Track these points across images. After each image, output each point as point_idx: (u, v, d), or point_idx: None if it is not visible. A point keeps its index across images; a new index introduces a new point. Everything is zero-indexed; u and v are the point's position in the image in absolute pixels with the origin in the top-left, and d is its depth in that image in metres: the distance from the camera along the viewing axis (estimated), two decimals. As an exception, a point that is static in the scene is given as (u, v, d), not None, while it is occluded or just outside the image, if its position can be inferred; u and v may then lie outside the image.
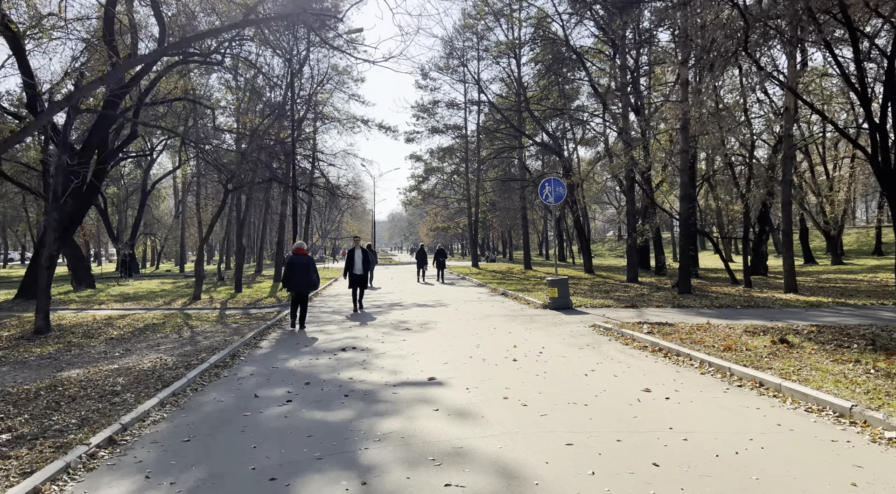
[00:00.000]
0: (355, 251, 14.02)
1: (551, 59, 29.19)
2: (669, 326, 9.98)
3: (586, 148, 47.47)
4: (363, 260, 14.06)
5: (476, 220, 36.89)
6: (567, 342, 9.14)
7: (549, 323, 11.28)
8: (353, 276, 13.98)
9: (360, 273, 13.98)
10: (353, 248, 14.11)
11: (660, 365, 7.34)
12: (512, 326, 11.00)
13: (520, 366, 7.29)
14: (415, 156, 41.30)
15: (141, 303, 16.53)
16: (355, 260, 13.94)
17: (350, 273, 13.95)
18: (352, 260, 13.94)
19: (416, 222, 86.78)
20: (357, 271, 13.94)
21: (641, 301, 14.57)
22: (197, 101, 21.62)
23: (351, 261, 13.93)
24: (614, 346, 8.74)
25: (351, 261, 13.93)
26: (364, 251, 14.14)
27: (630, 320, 11.19)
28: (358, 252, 14.03)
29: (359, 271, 13.95)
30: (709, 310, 12.79)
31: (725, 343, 8.20)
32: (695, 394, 5.92)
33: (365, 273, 14.14)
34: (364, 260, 14.07)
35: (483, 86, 31.88)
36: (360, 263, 13.97)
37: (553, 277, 14.04)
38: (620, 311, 12.86)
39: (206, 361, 7.64)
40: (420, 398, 5.89)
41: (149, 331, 10.81)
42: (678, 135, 18.71)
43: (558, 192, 14.96)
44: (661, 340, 8.52)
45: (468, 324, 11.34)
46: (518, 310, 13.74)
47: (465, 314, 13.08)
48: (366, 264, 14.18)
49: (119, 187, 39.19)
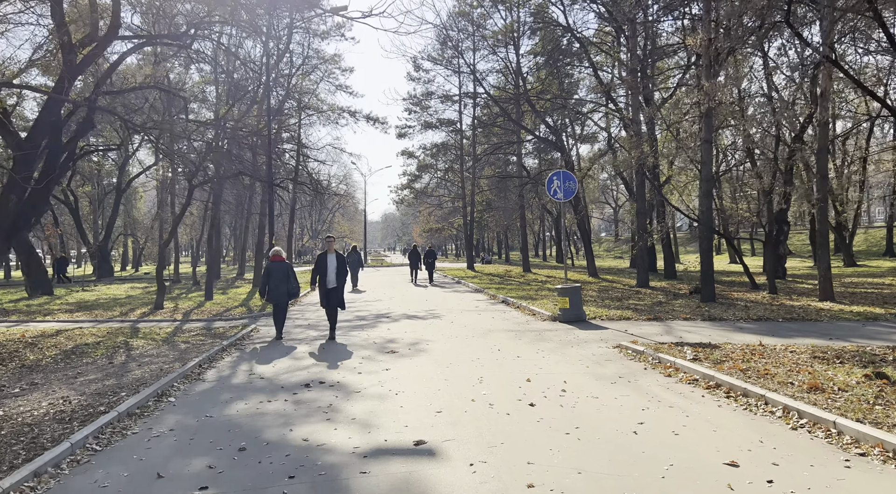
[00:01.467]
0: (327, 256, 10.48)
1: (552, 48, 27.34)
2: (715, 349, 8.10)
3: (586, 145, 45.79)
4: (337, 268, 10.45)
5: (472, 220, 34.98)
6: (592, 371, 7.24)
7: (563, 343, 9.38)
8: (324, 291, 10.38)
9: (333, 285, 10.41)
10: (324, 252, 10.55)
11: (727, 413, 5.44)
12: (520, 347, 9.08)
13: (540, 417, 5.36)
14: (407, 152, 39.31)
15: (93, 314, 14.51)
16: (327, 268, 10.41)
17: (321, 285, 10.47)
18: (323, 268, 10.42)
19: (409, 222, 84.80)
20: (330, 284, 10.38)
21: (663, 311, 12.70)
22: (168, 90, 19.58)
23: (322, 269, 10.43)
24: (654, 379, 6.84)
25: (322, 269, 10.43)
26: (339, 256, 10.56)
27: (660, 338, 9.31)
28: (331, 257, 10.48)
29: (332, 283, 10.39)
30: (746, 324, 10.94)
31: (802, 377, 6.33)
32: (806, 473, 4.02)
33: (340, 285, 10.44)
34: (339, 268, 10.45)
35: (479, 78, 29.97)
36: (332, 273, 10.43)
37: (563, 285, 12.14)
38: (644, 325, 10.99)
39: (115, 408, 5.67)
40: (401, 483, 3.96)
41: (76, 355, 8.82)
42: (695, 126, 16.91)
43: (568, 187, 13.07)
44: (717, 373, 6.62)
45: (466, 344, 9.42)
46: (523, 323, 11.83)
47: (463, 329, 11.16)
48: (341, 273, 10.45)
49: (93, 185, 36.98)
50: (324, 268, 10.48)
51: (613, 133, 32.61)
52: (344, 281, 10.55)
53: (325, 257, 10.54)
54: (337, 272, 10.49)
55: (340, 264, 10.55)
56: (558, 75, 30.59)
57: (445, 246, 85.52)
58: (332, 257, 10.54)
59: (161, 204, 34.71)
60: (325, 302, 10.46)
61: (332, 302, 10.37)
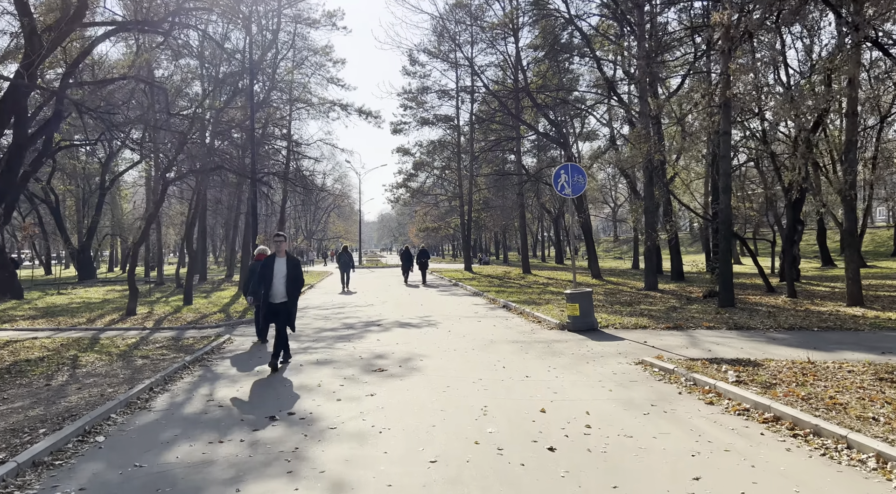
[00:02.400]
0: (275, 260, 7.95)
1: (552, 40, 26.20)
2: (758, 368, 6.91)
3: (585, 143, 44.62)
4: (288, 276, 7.85)
5: (469, 220, 33.77)
6: (618, 397, 6.04)
7: (577, 358, 8.18)
8: (269, 308, 7.93)
9: (281, 300, 7.85)
10: (271, 255, 8.08)
11: (802, 460, 4.25)
12: (527, 363, 7.88)
13: (565, 469, 4.16)
14: (402, 149, 38.07)
15: (56, 321, 13.25)
16: (274, 276, 7.83)
17: (263, 300, 7.94)
18: (268, 277, 7.82)
19: (405, 222, 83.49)
20: (277, 297, 7.84)
21: (682, 318, 11.52)
22: (145, 81, 18.35)
23: (266, 278, 7.82)
24: (694, 407, 5.65)
25: (266, 278, 7.82)
26: (292, 261, 8.02)
27: (686, 352, 8.12)
28: (280, 262, 7.90)
29: (280, 297, 7.85)
30: (779, 334, 9.77)
31: (881, 408, 5.14)
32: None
33: (292, 300, 7.93)
34: (291, 276, 7.87)
35: (478, 71, 28.76)
36: (281, 283, 7.83)
37: (572, 290, 10.94)
38: (665, 336, 9.80)
39: (17, 454, 4.43)
40: None
41: (10, 374, 7.57)
42: (711, 118, 15.74)
43: (577, 182, 11.87)
44: (772, 401, 5.43)
45: (466, 360, 8.21)
46: (528, 333, 10.63)
47: (461, 340, 9.95)
48: (294, 284, 7.92)
49: (76, 183, 35.59)
50: (269, 277, 7.81)
51: (616, 129, 31.55)
52: (298, 294, 8.12)
53: (273, 262, 7.91)
54: (288, 282, 7.87)
55: (293, 272, 7.90)
56: (559, 70, 29.46)
57: (442, 246, 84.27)
58: (282, 262, 7.92)
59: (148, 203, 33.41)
60: (266, 322, 8.21)
61: (279, 322, 7.88)
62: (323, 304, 16.80)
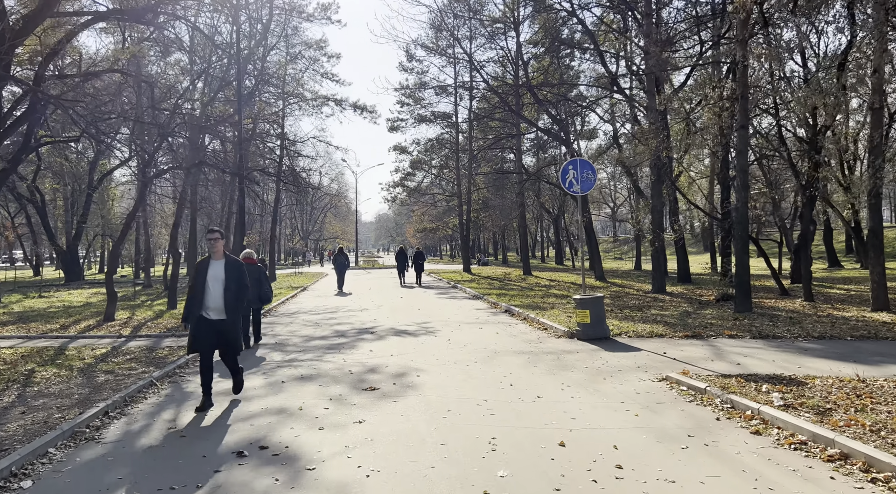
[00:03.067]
0: (210, 264, 6.10)
1: (553, 35, 25.36)
2: (803, 387, 6.06)
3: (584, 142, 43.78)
4: (227, 284, 6.00)
5: (468, 220, 32.92)
6: (647, 424, 5.17)
7: (592, 373, 7.31)
8: (205, 327, 5.97)
9: (221, 316, 6.00)
10: (205, 259, 6.21)
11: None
12: (537, 379, 7.01)
13: (600, 533, 3.28)
14: (399, 147, 37.16)
15: (27, 328, 12.35)
16: (207, 284, 5.99)
17: (197, 316, 5.98)
18: (201, 284, 5.99)
19: (403, 223, 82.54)
20: (213, 311, 5.98)
21: (699, 325, 10.68)
22: (127, 74, 17.42)
23: (199, 286, 5.99)
24: (740, 438, 4.79)
25: (199, 286, 5.99)
26: (233, 265, 6.12)
27: (713, 365, 7.27)
28: (217, 266, 6.08)
29: (216, 311, 5.98)
30: (809, 343, 8.93)
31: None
32: None
33: (233, 316, 6.04)
34: (231, 284, 6.02)
35: (477, 66, 27.88)
36: (219, 293, 5.98)
37: (582, 295, 10.08)
38: (684, 346, 8.95)
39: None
40: None
41: (-48, 394, 6.68)
42: (723, 112, 14.91)
43: (586, 178, 11.01)
44: (835, 433, 4.57)
45: (468, 375, 7.34)
46: (535, 342, 9.77)
47: (462, 350, 9.08)
48: (236, 293, 6.05)
49: (64, 183, 34.61)
50: (201, 287, 5.96)
51: (618, 127, 30.73)
52: (241, 306, 6.17)
53: (206, 266, 6.07)
54: (227, 291, 5.95)
55: (234, 277, 6.02)
56: (559, 66, 28.66)
57: (440, 246, 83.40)
58: (219, 266, 6.06)
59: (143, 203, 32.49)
60: (200, 345, 5.95)
61: (220, 345, 6.02)
62: (315, 308, 15.93)
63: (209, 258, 6.21)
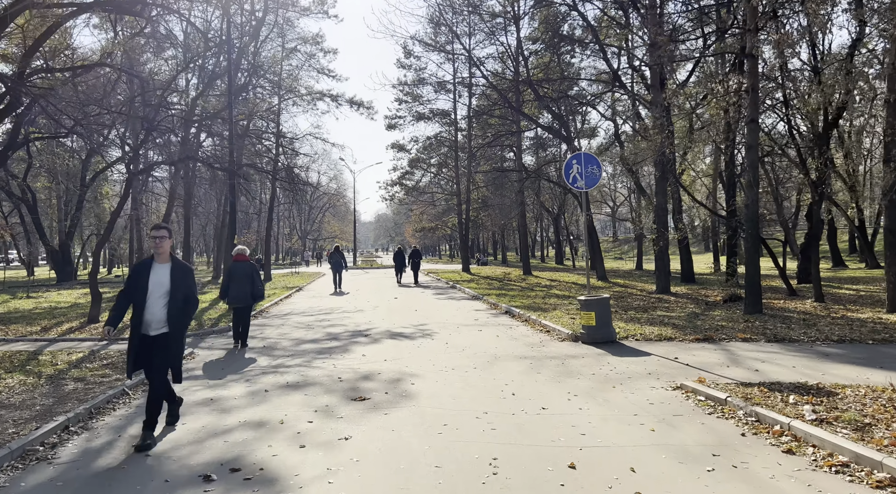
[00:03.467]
0: (153, 267, 5.03)
1: (553, 30, 24.85)
2: (833, 397, 5.53)
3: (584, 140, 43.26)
4: (172, 293, 4.98)
5: (467, 219, 32.38)
6: (665, 441, 4.65)
7: (600, 380, 6.79)
8: (142, 343, 5.00)
9: (159, 331, 4.98)
10: (145, 261, 5.14)
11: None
12: (541, 388, 6.48)
13: None
14: (397, 145, 36.61)
15: (7, 330, 11.84)
16: (149, 291, 4.93)
17: (132, 328, 4.98)
18: (141, 290, 4.92)
19: (402, 222, 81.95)
20: (153, 325, 4.96)
21: (709, 328, 10.16)
22: (113, 67, 16.89)
23: (137, 292, 4.94)
24: (772, 458, 4.26)
25: (137, 292, 4.94)
26: (180, 268, 5.09)
27: (729, 371, 6.74)
28: (161, 270, 5.02)
29: (157, 325, 4.97)
30: (829, 348, 8.40)
31: None
32: None
33: (177, 331, 5.03)
34: (176, 292, 4.99)
35: (476, 62, 27.35)
36: (160, 302, 4.95)
37: (587, 296, 9.55)
38: (696, 350, 8.43)
39: None
40: None
41: None
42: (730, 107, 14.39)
43: (590, 173, 10.47)
44: (883, 455, 4.04)
45: (467, 383, 6.81)
46: (538, 346, 9.24)
47: (460, 355, 8.55)
48: (179, 308, 5.00)
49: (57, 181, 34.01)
50: (141, 293, 4.89)
51: (619, 124, 30.21)
52: (187, 322, 5.15)
53: (147, 269, 4.98)
54: (172, 302, 4.93)
55: (182, 285, 5.00)
56: (559, 63, 28.14)
57: (439, 246, 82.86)
58: (163, 271, 4.98)
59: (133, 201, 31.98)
60: (138, 365, 5.02)
61: (154, 367, 4.95)
62: (308, 309, 15.39)
63: (151, 260, 5.08)
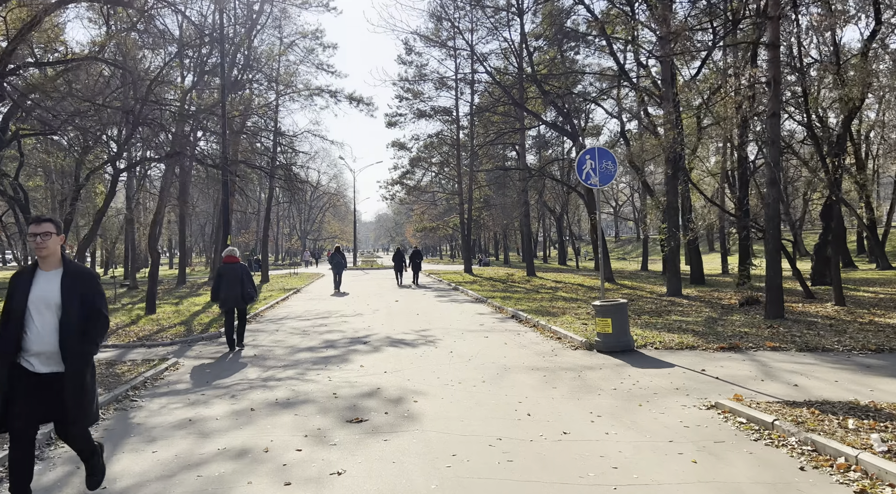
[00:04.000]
0: (33, 279, 3.57)
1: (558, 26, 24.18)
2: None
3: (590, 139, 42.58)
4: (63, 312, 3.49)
5: (469, 219, 31.71)
6: (714, 478, 3.97)
7: (624, 396, 6.11)
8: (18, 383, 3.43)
9: (51, 368, 3.50)
10: (25, 269, 3.63)
11: None
12: (560, 407, 5.80)
13: None
14: (398, 143, 35.93)
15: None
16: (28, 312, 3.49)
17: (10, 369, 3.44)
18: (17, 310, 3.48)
19: (402, 222, 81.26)
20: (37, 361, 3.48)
21: (732, 335, 9.48)
22: (105, 61, 16.23)
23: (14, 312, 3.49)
24: (843, 502, 3.58)
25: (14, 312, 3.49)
26: (80, 274, 3.62)
27: (764, 387, 6.07)
28: (45, 281, 3.56)
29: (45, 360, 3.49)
30: (868, 357, 7.74)
31: None
32: None
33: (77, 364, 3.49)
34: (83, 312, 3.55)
35: (479, 58, 26.67)
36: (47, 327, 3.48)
37: (602, 302, 8.87)
38: (722, 360, 7.75)
39: None
40: None
41: None
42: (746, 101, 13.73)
43: (605, 168, 9.79)
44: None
45: (476, 401, 6.12)
46: (549, 355, 8.56)
47: (467, 366, 7.87)
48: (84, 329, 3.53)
49: (50, 180, 33.36)
50: (17, 312, 3.48)
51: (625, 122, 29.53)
52: (93, 349, 3.57)
53: (29, 282, 3.54)
54: (65, 323, 3.48)
55: (78, 299, 3.55)
56: (563, 59, 27.48)
57: (440, 246, 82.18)
58: (52, 280, 3.56)
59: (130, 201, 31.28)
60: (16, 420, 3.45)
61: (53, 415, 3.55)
62: (305, 313, 14.70)
63: (34, 267, 3.61)
